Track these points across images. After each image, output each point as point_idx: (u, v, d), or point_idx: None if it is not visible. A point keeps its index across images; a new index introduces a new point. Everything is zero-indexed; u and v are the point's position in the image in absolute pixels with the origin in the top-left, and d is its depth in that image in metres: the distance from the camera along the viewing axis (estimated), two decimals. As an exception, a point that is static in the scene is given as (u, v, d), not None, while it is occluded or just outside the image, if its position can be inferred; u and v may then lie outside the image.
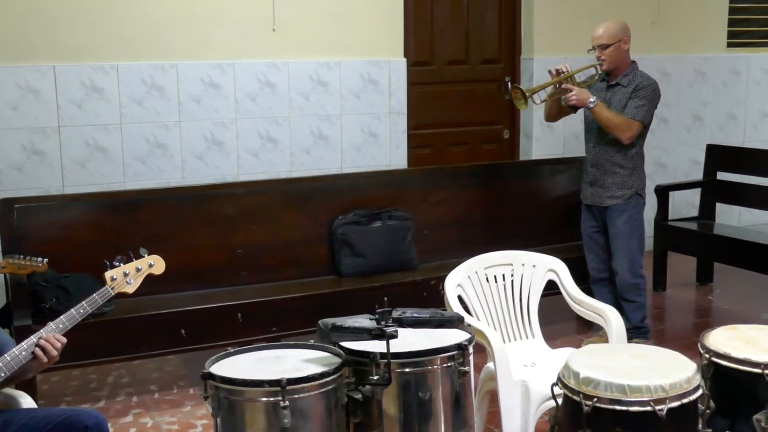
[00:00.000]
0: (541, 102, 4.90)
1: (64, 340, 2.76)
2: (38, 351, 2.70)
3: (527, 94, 4.71)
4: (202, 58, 5.66)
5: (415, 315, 2.69)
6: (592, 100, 4.64)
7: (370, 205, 5.10)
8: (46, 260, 3.71)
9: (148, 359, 4.86)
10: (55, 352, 2.73)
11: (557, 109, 4.91)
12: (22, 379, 2.75)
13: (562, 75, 4.70)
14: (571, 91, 4.66)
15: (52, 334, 2.73)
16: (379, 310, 2.64)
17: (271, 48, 5.83)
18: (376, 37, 6.14)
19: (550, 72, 4.75)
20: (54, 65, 5.32)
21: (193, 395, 4.52)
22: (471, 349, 2.85)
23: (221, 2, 5.67)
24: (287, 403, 2.49)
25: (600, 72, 4.81)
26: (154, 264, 3.09)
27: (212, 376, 2.60)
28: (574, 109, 4.79)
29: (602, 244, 4.95)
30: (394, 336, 2.57)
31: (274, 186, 5.15)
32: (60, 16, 5.28)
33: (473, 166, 5.96)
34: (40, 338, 2.72)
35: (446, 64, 6.67)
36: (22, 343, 2.70)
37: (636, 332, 4.74)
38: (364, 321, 2.65)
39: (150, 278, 3.12)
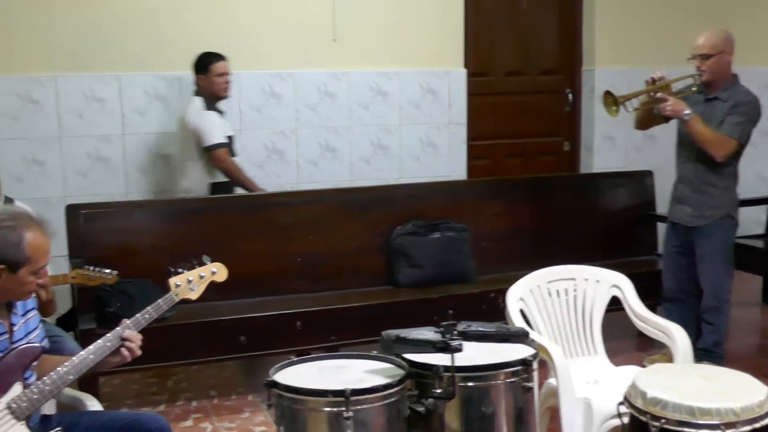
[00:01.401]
0: (633, 110, 4.66)
1: (141, 337, 2.80)
2: (124, 351, 2.74)
3: (620, 101, 4.54)
4: (264, 67, 5.72)
5: (481, 329, 2.66)
6: (687, 112, 4.40)
7: (428, 216, 5.08)
8: (115, 273, 3.78)
9: (207, 365, 4.92)
10: (138, 351, 2.77)
11: (649, 118, 4.69)
12: (95, 371, 2.79)
13: (657, 84, 4.46)
14: (666, 101, 4.41)
15: (133, 332, 2.77)
16: (444, 323, 2.62)
17: (331, 58, 5.86)
18: (436, 47, 6.14)
19: (646, 81, 4.51)
20: (119, 74, 5.42)
21: (252, 402, 4.55)
22: (535, 365, 2.82)
23: (283, 13, 5.73)
24: (350, 413, 2.48)
25: (698, 83, 4.56)
26: (217, 272, 3.10)
27: (276, 385, 2.60)
28: (666, 119, 4.59)
29: (682, 265, 4.74)
30: (459, 349, 2.54)
31: (333, 195, 5.17)
32: (126, 28, 5.37)
33: (532, 178, 5.92)
34: (124, 333, 2.75)
35: (505, 74, 6.64)
36: (108, 335, 2.74)
37: (707, 355, 4.55)
38: (428, 333, 2.63)
39: (211, 285, 3.14)
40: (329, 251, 4.89)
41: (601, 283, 3.79)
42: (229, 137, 5.19)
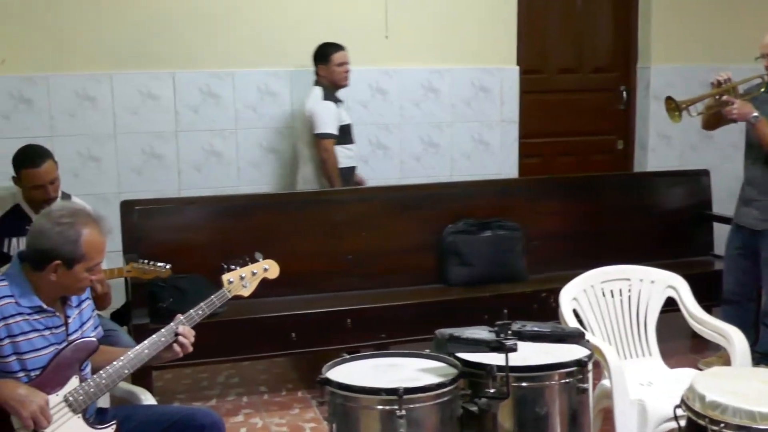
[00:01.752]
0: (698, 114, 4.58)
1: (194, 332, 2.82)
2: (176, 346, 2.78)
3: (682, 106, 4.45)
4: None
5: (536, 329, 2.63)
6: (755, 114, 4.32)
7: (479, 214, 5.05)
8: (169, 266, 3.82)
9: (258, 361, 4.96)
10: (190, 347, 2.79)
11: (717, 119, 4.60)
12: (148, 365, 2.82)
13: (723, 86, 4.37)
14: (732, 104, 4.34)
15: (187, 328, 2.80)
16: (499, 323, 2.59)
17: (383, 55, 5.85)
18: (488, 44, 6.08)
19: (711, 83, 4.43)
20: (173, 72, 5.47)
21: (302, 398, 4.57)
22: (590, 366, 2.78)
23: (335, 10, 5.72)
24: (403, 412, 2.47)
25: (767, 83, 4.44)
26: (269, 268, 3.12)
27: (329, 382, 2.60)
28: (735, 120, 4.50)
29: (744, 268, 4.65)
30: (514, 349, 2.52)
31: (384, 193, 5.17)
32: (180, 25, 5.42)
33: (585, 177, 5.85)
34: (178, 329, 2.77)
35: (558, 72, 6.57)
36: (162, 330, 2.78)
37: (765, 359, 4.46)
38: (482, 333, 2.61)
39: (262, 282, 3.15)
40: (380, 249, 4.89)
41: (657, 284, 3.73)
42: (346, 126, 5.31)
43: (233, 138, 5.62)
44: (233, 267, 3.02)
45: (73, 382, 2.63)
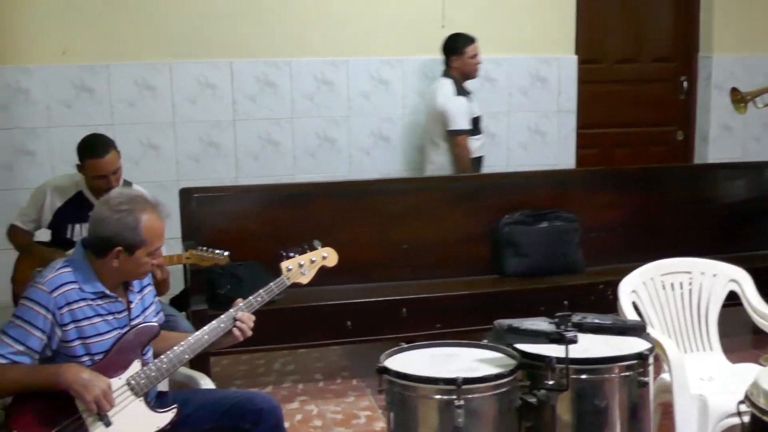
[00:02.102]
0: (764, 106, 4.51)
1: (254, 318, 2.85)
2: (236, 331, 2.80)
3: (747, 98, 4.38)
4: (372, 54, 5.73)
5: (597, 321, 2.61)
6: None
7: (535, 205, 5.00)
8: (227, 253, 3.85)
9: (313, 348, 4.99)
10: (249, 332, 2.82)
11: None
12: (210, 349, 2.86)
13: None
14: None
15: (246, 314, 2.82)
16: (559, 314, 2.57)
17: (439, 44, 5.82)
18: (546, 33, 6.03)
19: None
20: (231, 61, 5.51)
21: (356, 386, 4.59)
22: (651, 360, 2.74)
23: (391, 0, 5.72)
24: (461, 402, 2.47)
25: None
26: (328, 256, 3.12)
27: (387, 371, 2.60)
28: None
29: None
30: (574, 341, 2.50)
31: (440, 183, 5.16)
32: (237, 15, 5.46)
33: (645, 168, 5.76)
34: (237, 315, 2.80)
35: (616, 62, 6.48)
36: (222, 316, 2.81)
37: None
38: (542, 324, 2.59)
39: (319, 270, 3.16)
40: (435, 239, 4.87)
41: (718, 277, 3.66)
42: (476, 117, 5.43)
43: (289, 127, 5.66)
44: (292, 255, 3.02)
45: (135, 366, 2.67)
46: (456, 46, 5.39)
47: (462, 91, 5.37)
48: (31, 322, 2.54)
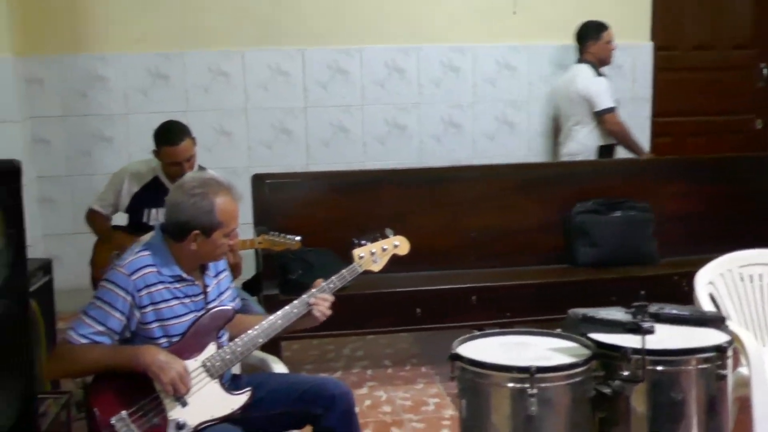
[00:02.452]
0: None
1: (331, 298, 2.88)
2: (316, 312, 2.84)
3: None
4: (443, 41, 5.70)
5: (674, 312, 2.56)
6: None
7: (609, 194, 4.92)
8: (299, 238, 3.88)
9: (382, 335, 5.01)
10: (329, 312, 2.87)
11: None
12: (291, 329, 2.89)
13: None
14: None
15: (320, 296, 2.84)
16: (636, 304, 2.53)
17: (511, 31, 5.78)
18: (621, 19, 5.89)
19: None
20: (303, 49, 5.55)
21: (425, 373, 4.59)
22: (730, 352, 2.68)
23: (464, -14, 5.71)
24: (535, 390, 2.44)
25: None
26: (400, 245, 3.11)
27: (459, 357, 2.59)
28: None
29: None
30: (651, 331, 2.45)
31: (511, 171, 5.10)
32: (309, 3, 5.49)
33: (722, 157, 5.62)
34: (310, 300, 2.83)
35: (693, 48, 6.33)
36: (295, 301, 2.84)
37: None
38: (617, 314, 2.55)
39: (391, 257, 3.15)
40: (505, 227, 4.84)
41: (800, 270, 3.56)
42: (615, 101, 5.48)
43: (360, 114, 5.68)
44: (364, 242, 3.03)
45: (211, 348, 2.72)
46: (594, 32, 5.46)
47: (600, 75, 5.44)
48: (111, 303, 2.60)
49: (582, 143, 5.43)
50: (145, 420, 2.57)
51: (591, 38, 5.46)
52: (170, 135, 3.94)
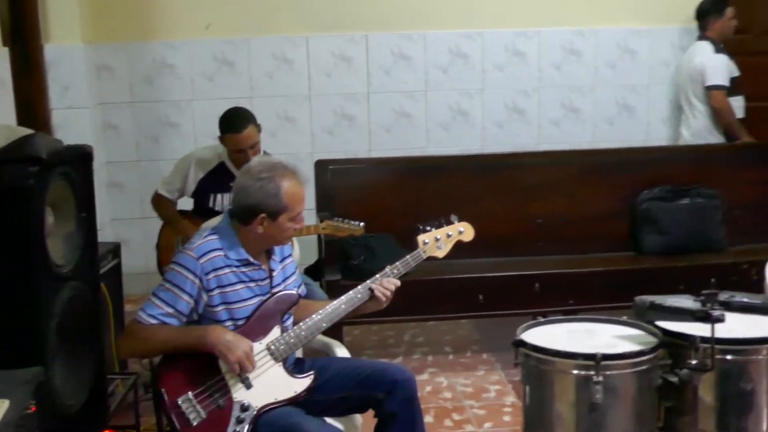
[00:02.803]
0: None
1: (398, 282, 2.88)
2: (379, 294, 2.85)
3: None
4: (508, 26, 5.65)
5: (745, 300, 2.50)
6: None
7: (676, 181, 4.84)
8: (362, 224, 3.89)
9: (442, 321, 5.00)
10: (388, 293, 2.87)
11: None
12: (356, 315, 2.90)
13: None
14: None
15: (385, 279, 2.85)
16: (705, 292, 2.48)
17: (577, 15, 5.70)
18: (693, 2, 5.78)
19: None
20: (366, 34, 5.55)
21: (487, 360, 4.57)
22: (803, 342, 2.61)
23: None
24: (600, 378, 2.42)
25: None
26: (464, 231, 3.10)
27: (523, 344, 2.58)
28: None
29: None
30: (721, 320, 2.40)
31: (577, 157, 5.05)
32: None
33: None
34: (372, 286, 2.85)
35: (764, 32, 6.14)
36: (359, 287, 2.86)
37: None
38: (686, 301, 2.50)
39: (455, 244, 3.14)
40: (571, 214, 4.78)
41: None
42: (736, 78, 5.45)
43: (423, 99, 5.66)
44: (429, 228, 3.02)
45: (275, 332, 2.74)
46: (717, 8, 5.42)
47: (721, 51, 5.38)
48: (179, 286, 2.65)
49: (704, 122, 5.39)
50: (210, 401, 2.61)
51: (713, 14, 5.42)
52: (234, 122, 3.97)
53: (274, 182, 2.69)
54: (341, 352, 3.16)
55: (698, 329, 2.51)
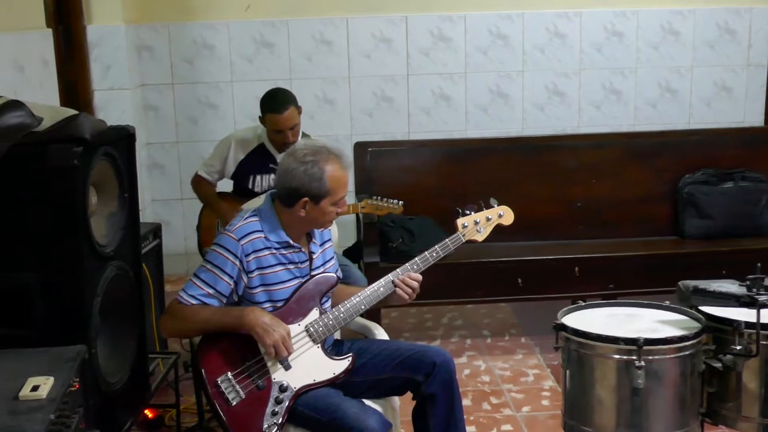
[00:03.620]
0: None
1: (420, 277, 2.85)
2: (399, 291, 2.81)
3: None
4: (549, 7, 5.59)
5: (792, 285, 2.46)
6: None
7: (720, 165, 4.77)
8: (401, 203, 3.88)
9: (480, 305, 4.99)
10: (410, 290, 2.83)
11: None
12: (384, 305, 2.88)
13: None
14: None
15: (407, 274, 2.83)
16: (751, 277, 2.44)
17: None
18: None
19: None
20: (406, 15, 5.52)
21: (525, 344, 4.55)
22: None
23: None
24: (642, 363, 2.39)
25: None
26: (504, 215, 3.06)
27: (564, 328, 2.56)
28: None
29: None
30: (767, 305, 2.36)
31: (618, 140, 4.99)
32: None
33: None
34: (396, 278, 2.82)
35: None
36: (380, 280, 2.83)
37: None
38: (731, 286, 2.47)
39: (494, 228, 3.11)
40: (611, 197, 4.74)
41: None
42: None
43: (462, 82, 5.62)
44: (468, 212, 2.98)
45: (314, 314, 2.75)
46: None
47: None
48: (220, 267, 2.66)
49: None
50: (249, 381, 2.63)
51: None
52: (275, 103, 3.97)
53: (318, 166, 2.69)
54: (380, 334, 3.15)
55: (743, 314, 2.47)
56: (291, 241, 2.75)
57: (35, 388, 2.02)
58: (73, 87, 4.87)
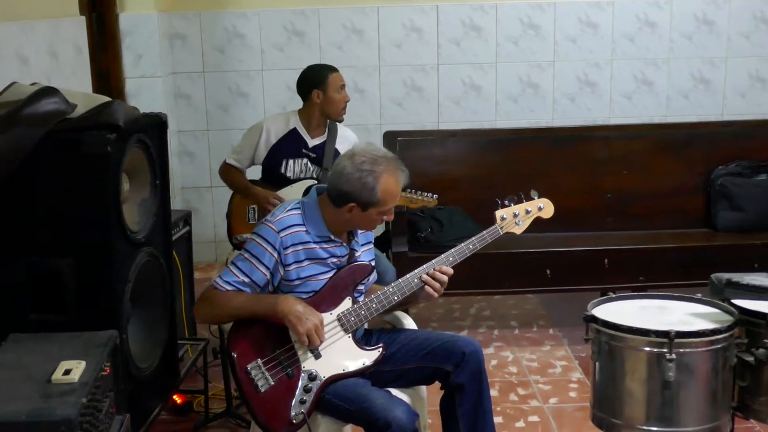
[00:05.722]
0: None
1: (451, 271, 2.83)
2: (428, 288, 2.79)
3: None
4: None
5: (828, 279, 2.43)
6: None
7: (753, 157, 4.73)
8: (435, 196, 3.86)
9: (509, 295, 4.97)
10: (438, 285, 2.81)
11: None
12: (412, 305, 2.85)
13: None
14: None
15: (438, 267, 2.81)
16: (785, 270, 2.42)
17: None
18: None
19: None
20: (437, 5, 5.50)
21: (553, 336, 4.54)
22: None
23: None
24: (673, 356, 2.38)
25: None
26: (544, 207, 3.00)
27: (595, 319, 2.54)
28: None
29: None
30: (801, 299, 2.34)
31: (650, 131, 4.97)
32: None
33: None
34: (427, 272, 2.81)
35: None
36: (415, 271, 2.80)
37: None
38: (765, 280, 2.45)
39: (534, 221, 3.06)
40: (642, 189, 4.71)
41: None
42: None
43: (493, 71, 5.60)
44: (507, 203, 2.92)
45: (347, 303, 2.74)
46: None
47: None
48: (258, 257, 2.67)
49: None
50: (279, 369, 2.64)
51: None
52: (325, 67, 4.15)
53: (373, 176, 2.66)
54: (408, 323, 3.15)
55: (777, 308, 2.45)
56: (331, 236, 2.74)
57: (67, 372, 2.05)
58: (105, 75, 4.91)
